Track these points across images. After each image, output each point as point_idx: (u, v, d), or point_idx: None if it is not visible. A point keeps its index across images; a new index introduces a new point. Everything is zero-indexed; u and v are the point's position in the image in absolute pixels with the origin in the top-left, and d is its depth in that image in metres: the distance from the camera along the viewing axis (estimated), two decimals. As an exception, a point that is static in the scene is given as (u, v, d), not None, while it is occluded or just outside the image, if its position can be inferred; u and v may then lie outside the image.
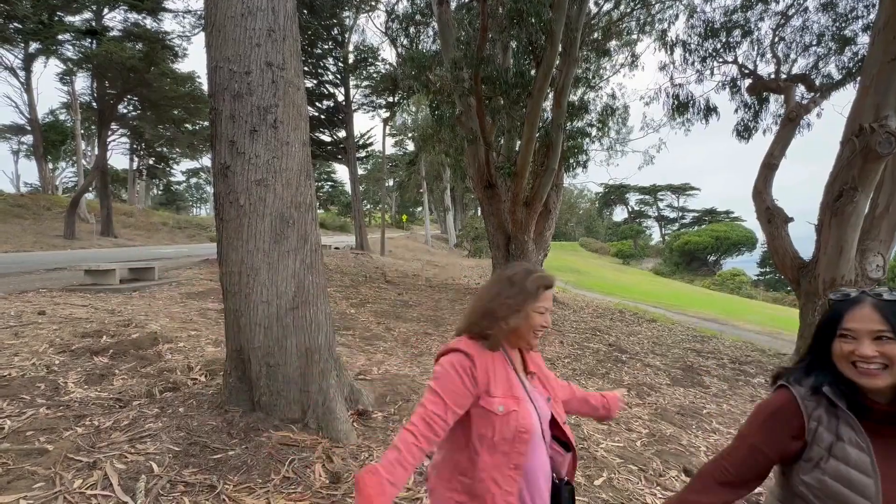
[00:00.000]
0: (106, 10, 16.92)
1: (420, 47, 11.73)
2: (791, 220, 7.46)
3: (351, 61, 18.10)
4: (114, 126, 19.84)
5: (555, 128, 8.95)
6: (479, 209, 14.00)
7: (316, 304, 2.67)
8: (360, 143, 21.44)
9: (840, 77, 8.59)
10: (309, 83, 17.37)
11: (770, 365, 6.56)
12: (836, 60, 8.80)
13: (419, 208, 49.76)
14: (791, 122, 8.04)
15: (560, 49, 8.36)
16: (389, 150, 33.24)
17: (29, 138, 28.78)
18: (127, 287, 6.80)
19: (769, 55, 9.34)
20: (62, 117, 28.00)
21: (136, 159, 29.14)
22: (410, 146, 35.79)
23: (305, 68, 16.69)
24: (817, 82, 8.76)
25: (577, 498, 2.22)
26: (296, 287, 2.58)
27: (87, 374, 3.09)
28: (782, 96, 8.75)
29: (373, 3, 16.93)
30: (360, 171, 28.78)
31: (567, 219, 63.93)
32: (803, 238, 7.31)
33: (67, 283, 6.81)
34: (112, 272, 6.89)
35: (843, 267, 6.27)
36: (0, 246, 13.57)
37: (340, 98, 18.72)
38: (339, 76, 18.42)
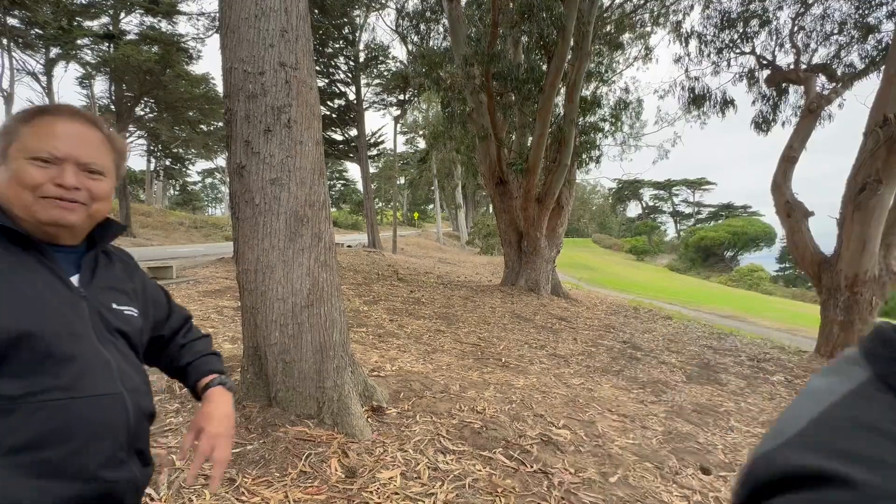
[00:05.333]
0: (123, 14, 17.26)
1: (430, 44, 11.73)
2: (812, 213, 7.28)
3: (362, 60, 18.17)
4: (131, 128, 20.27)
5: (567, 123, 8.87)
6: (491, 206, 13.98)
7: (330, 301, 2.70)
8: (372, 141, 21.53)
9: (863, 66, 8.34)
10: (321, 82, 17.49)
11: (790, 362, 6.43)
12: (859, 49, 8.55)
13: (431, 206, 49.82)
14: (811, 114, 7.83)
15: (572, 43, 8.27)
16: (401, 148, 33.36)
17: (51, 141, 29.48)
18: (146, 285, 6.93)
19: (788, 45, 9.11)
20: (82, 120, 28.64)
21: (153, 160, 29.73)
22: (421, 144, 35.85)
23: (317, 68, 16.79)
24: (839, 72, 8.51)
25: (591, 494, 2.21)
26: (310, 284, 2.61)
27: (110, 370, 3.17)
28: (802, 87, 8.53)
29: (383, 2, 16.96)
30: (372, 170, 28.93)
31: (580, 215, 63.32)
32: (825, 233, 7.13)
33: (89, 282, 6.97)
34: (132, 271, 7.04)
35: (866, 262, 6.11)
36: (25, 246, 13.96)
37: (352, 97, 18.82)
38: (350, 75, 18.50)
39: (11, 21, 17.22)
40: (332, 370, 2.63)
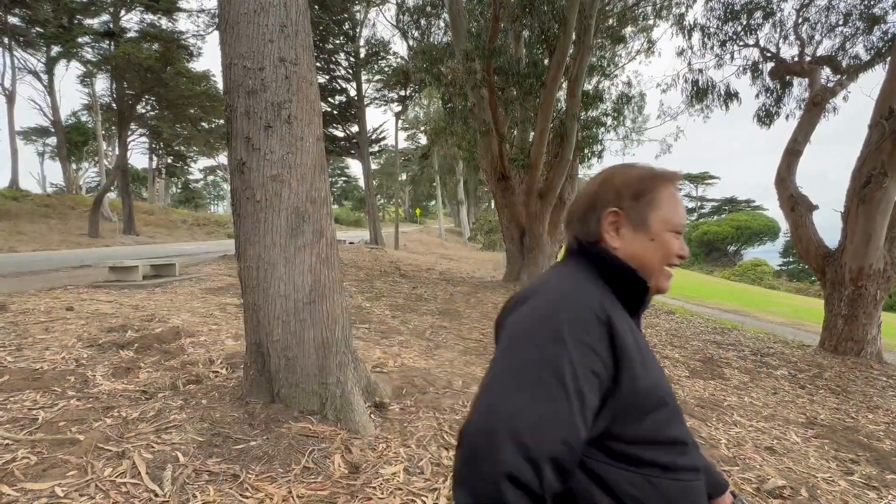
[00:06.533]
0: (123, 12, 17.22)
1: (431, 39, 11.66)
2: (816, 207, 7.23)
3: (362, 56, 18.10)
4: (133, 126, 20.27)
5: (569, 118, 8.82)
6: (493, 202, 13.95)
7: (332, 297, 2.69)
8: (373, 137, 21.48)
9: (868, 58, 8.25)
10: (321, 78, 17.43)
11: (793, 357, 6.40)
12: (865, 40, 8.45)
13: (432, 202, 49.75)
14: (816, 107, 7.76)
15: (574, 37, 8.21)
16: (402, 145, 33.25)
17: (53, 140, 29.68)
18: (149, 283, 6.98)
19: (792, 37, 9.01)
20: (84, 118, 28.73)
21: (154, 158, 29.74)
22: (423, 140, 35.72)
23: (317, 64, 16.76)
24: (844, 64, 8.42)
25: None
26: (312, 281, 2.61)
27: (114, 367, 3.18)
28: (806, 80, 8.45)
29: (383, -4, 16.87)
30: (374, 166, 28.87)
31: (582, 210, 62.98)
32: (829, 227, 7.10)
33: (93, 280, 7.02)
34: (135, 269, 7.08)
35: (870, 255, 6.07)
36: (29, 245, 14.06)
37: (353, 93, 18.77)
38: (350, 71, 18.44)
39: (12, 20, 17.23)
40: (334, 366, 2.63)
